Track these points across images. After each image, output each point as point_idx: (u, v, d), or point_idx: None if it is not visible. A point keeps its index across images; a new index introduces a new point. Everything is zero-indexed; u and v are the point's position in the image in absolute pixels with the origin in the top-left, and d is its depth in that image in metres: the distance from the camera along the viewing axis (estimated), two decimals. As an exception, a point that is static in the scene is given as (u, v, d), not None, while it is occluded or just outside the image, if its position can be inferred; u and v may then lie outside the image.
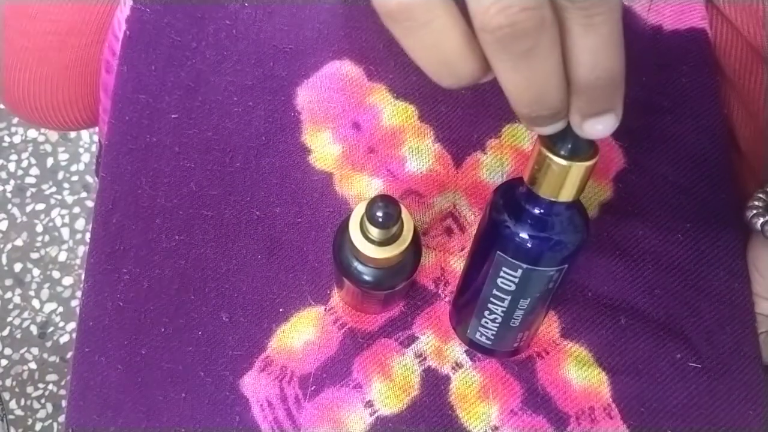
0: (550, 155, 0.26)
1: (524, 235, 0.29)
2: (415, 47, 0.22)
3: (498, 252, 0.31)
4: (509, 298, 0.32)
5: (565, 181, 0.27)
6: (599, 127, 0.24)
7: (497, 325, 0.34)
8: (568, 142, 0.26)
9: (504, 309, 0.33)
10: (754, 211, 0.37)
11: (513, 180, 0.31)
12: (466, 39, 0.21)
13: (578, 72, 0.22)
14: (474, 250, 0.34)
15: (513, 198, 0.30)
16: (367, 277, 0.33)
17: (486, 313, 0.34)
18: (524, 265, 0.30)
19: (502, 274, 0.31)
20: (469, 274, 0.35)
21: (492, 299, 0.33)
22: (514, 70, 0.21)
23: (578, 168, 0.26)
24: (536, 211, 0.29)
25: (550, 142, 0.26)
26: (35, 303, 1.10)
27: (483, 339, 0.36)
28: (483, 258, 0.32)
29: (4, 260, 1.12)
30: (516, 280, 0.31)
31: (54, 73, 0.47)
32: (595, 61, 0.22)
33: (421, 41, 0.22)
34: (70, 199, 1.17)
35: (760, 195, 0.38)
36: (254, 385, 0.37)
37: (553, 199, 0.28)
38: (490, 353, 0.38)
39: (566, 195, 0.27)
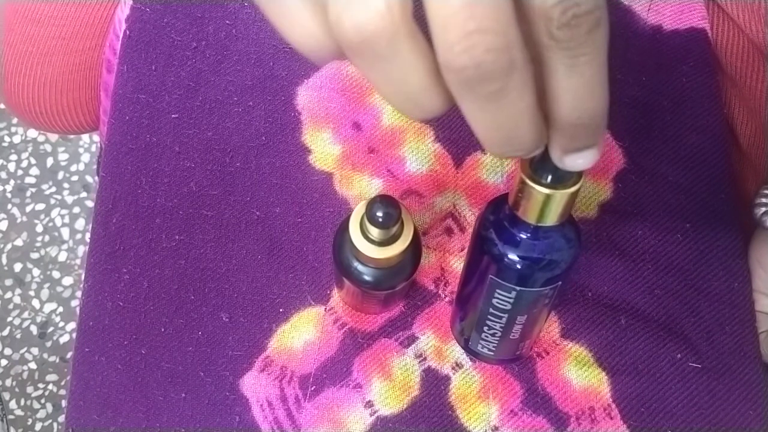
0: (532, 183, 0.25)
1: (513, 257, 0.29)
2: (378, 81, 0.20)
3: (491, 276, 0.30)
4: (506, 316, 0.32)
5: (549, 207, 0.26)
6: (580, 162, 0.23)
7: (497, 339, 0.34)
8: (549, 171, 0.25)
9: (502, 325, 0.33)
10: (764, 209, 0.37)
11: (504, 195, 0.30)
12: (432, 74, 0.20)
13: (559, 111, 0.21)
14: (468, 261, 0.34)
15: (501, 217, 0.29)
16: (367, 277, 0.33)
17: (485, 328, 0.34)
18: (517, 288, 0.30)
19: (496, 295, 0.31)
20: (466, 288, 0.35)
21: (489, 317, 0.33)
22: (480, 110, 0.20)
23: (561, 195, 0.25)
24: (522, 235, 0.29)
25: (532, 170, 0.25)
26: (35, 303, 1.10)
27: (485, 351, 0.36)
28: (476, 274, 0.32)
29: (4, 260, 1.12)
30: (511, 300, 0.31)
31: (58, 77, 0.47)
32: (577, 103, 0.20)
33: (385, 75, 0.20)
34: (70, 199, 1.17)
35: (766, 191, 0.38)
36: (254, 386, 0.37)
37: (538, 225, 0.27)
38: (493, 362, 0.38)
39: (551, 220, 0.27)
